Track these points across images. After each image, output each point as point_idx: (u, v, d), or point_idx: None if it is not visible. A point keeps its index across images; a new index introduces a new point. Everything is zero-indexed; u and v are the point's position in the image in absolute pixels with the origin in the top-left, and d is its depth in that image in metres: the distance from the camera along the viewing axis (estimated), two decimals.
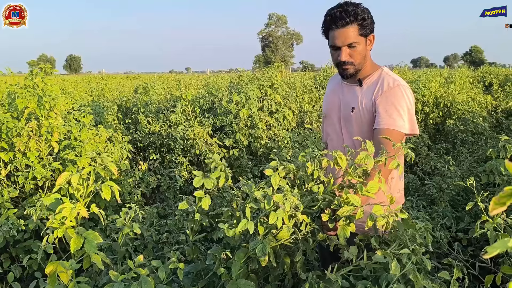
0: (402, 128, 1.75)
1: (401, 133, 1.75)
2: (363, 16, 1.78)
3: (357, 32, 1.79)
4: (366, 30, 1.81)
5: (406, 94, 1.79)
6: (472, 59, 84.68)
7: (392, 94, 1.78)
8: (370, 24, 1.82)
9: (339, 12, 1.77)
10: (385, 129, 1.74)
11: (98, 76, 23.57)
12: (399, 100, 1.76)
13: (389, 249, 1.45)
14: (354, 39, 1.79)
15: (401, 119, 1.75)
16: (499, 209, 0.52)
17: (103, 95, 6.69)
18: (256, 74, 5.95)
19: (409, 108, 1.79)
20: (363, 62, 1.86)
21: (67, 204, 1.41)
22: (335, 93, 2.01)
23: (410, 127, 1.78)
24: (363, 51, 1.84)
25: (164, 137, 4.55)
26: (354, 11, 1.77)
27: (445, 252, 2.63)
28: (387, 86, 1.81)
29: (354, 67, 1.85)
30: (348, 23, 1.77)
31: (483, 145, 5.00)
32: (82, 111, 3.47)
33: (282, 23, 75.28)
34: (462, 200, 3.58)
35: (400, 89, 1.79)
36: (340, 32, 1.78)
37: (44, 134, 3.01)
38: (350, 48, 1.81)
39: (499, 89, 8.84)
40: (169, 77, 15.90)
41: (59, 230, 1.38)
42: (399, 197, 1.91)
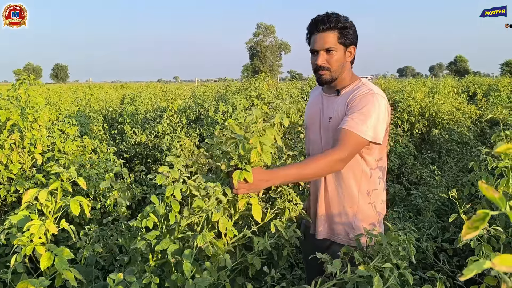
0: (363, 133, 1.72)
1: (360, 138, 1.73)
2: (345, 25, 1.81)
3: (336, 39, 1.81)
4: (346, 39, 1.82)
5: (377, 102, 1.76)
6: (457, 69, 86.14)
7: (362, 100, 1.77)
8: (352, 35, 1.84)
9: (321, 17, 1.82)
10: (346, 130, 1.73)
11: (85, 85, 23.38)
12: (368, 106, 1.75)
13: (372, 262, 1.45)
14: (333, 44, 1.81)
15: (364, 124, 1.73)
16: (472, 233, 0.52)
17: (89, 105, 6.62)
18: (243, 84, 5.96)
19: (378, 116, 1.75)
20: (340, 71, 1.86)
21: (35, 221, 1.38)
22: (316, 104, 2.02)
23: (373, 135, 1.74)
24: (341, 59, 1.84)
25: (150, 148, 4.51)
26: (336, 19, 1.80)
27: (431, 263, 2.64)
28: (360, 93, 1.81)
29: (330, 73, 1.86)
30: (328, 29, 1.80)
31: (468, 154, 5.06)
32: (67, 122, 3.42)
33: (270, 33, 75.81)
34: (447, 210, 3.61)
35: (373, 97, 1.77)
36: (320, 36, 1.82)
37: (27, 146, 2.96)
38: (327, 54, 1.83)
39: (483, 98, 9.00)
40: (156, 86, 15.84)
41: (27, 247, 1.35)
42: (381, 208, 1.91)
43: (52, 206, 1.52)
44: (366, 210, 1.86)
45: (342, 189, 1.87)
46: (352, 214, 1.86)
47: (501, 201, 0.54)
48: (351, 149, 1.73)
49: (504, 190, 1.75)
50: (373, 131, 1.74)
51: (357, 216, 1.86)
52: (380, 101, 1.78)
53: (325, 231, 1.94)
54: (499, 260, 0.49)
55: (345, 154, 1.71)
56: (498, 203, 0.54)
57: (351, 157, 1.76)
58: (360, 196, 1.86)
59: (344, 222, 1.87)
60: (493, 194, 0.54)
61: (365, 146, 1.78)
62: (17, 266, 1.45)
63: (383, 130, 1.79)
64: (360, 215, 1.86)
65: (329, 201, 1.91)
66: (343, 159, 1.71)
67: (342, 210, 1.88)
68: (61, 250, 1.42)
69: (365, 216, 1.86)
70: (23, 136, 2.98)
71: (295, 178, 1.71)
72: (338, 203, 1.89)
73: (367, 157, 1.84)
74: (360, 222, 1.85)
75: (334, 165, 1.72)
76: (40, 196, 1.43)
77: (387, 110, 1.81)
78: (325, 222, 1.94)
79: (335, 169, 1.76)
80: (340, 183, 1.88)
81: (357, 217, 1.86)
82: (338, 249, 1.71)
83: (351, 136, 1.72)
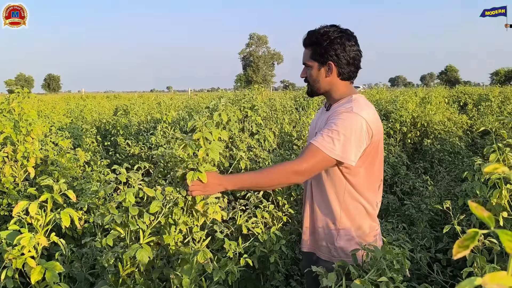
0: (328, 151, 1.66)
1: (324, 155, 1.66)
2: (317, 42, 1.79)
3: (310, 55, 1.84)
4: (319, 56, 1.80)
5: (353, 121, 1.69)
6: (448, 78, 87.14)
7: (338, 117, 1.72)
8: (329, 52, 1.78)
9: (306, 33, 1.86)
10: (311, 144, 1.69)
11: (77, 95, 23.31)
12: (342, 124, 1.68)
13: (367, 276, 1.46)
14: (306, 60, 1.86)
15: (332, 142, 1.66)
16: (462, 252, 0.53)
17: (82, 116, 6.61)
18: (237, 95, 5.99)
19: (350, 135, 1.67)
20: (317, 87, 1.87)
21: (25, 234, 1.38)
22: (316, 118, 2.05)
23: (341, 154, 1.67)
24: (315, 75, 1.84)
25: (144, 159, 4.50)
26: (311, 34, 1.82)
27: (425, 273, 2.65)
28: (340, 109, 1.76)
29: (309, 86, 1.91)
30: (304, 44, 1.86)
31: (460, 164, 5.11)
32: (60, 135, 3.41)
33: (263, 43, 76.32)
34: (440, 220, 3.63)
35: (350, 115, 1.70)
36: (303, 51, 1.88)
37: (20, 160, 2.94)
38: (306, 68, 1.88)
39: (474, 108, 9.10)
40: (150, 96, 15.83)
41: (18, 261, 1.34)
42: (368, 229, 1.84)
43: (42, 219, 1.51)
44: (350, 227, 1.81)
45: (325, 205, 1.85)
46: (334, 232, 1.83)
47: (490, 220, 0.55)
48: (311, 164, 1.67)
49: (497, 201, 1.77)
50: (342, 150, 1.67)
51: (339, 235, 1.82)
52: (356, 120, 1.70)
53: (310, 244, 1.94)
54: (490, 278, 0.50)
55: (303, 168, 1.66)
56: (487, 222, 0.55)
57: (312, 172, 1.71)
58: (343, 215, 1.81)
59: (327, 239, 1.85)
60: (482, 213, 0.55)
61: (332, 164, 1.72)
62: (7, 281, 1.43)
63: (356, 151, 1.70)
64: (342, 234, 1.82)
65: (314, 215, 1.90)
66: (299, 172, 1.67)
67: (325, 226, 1.86)
68: (52, 264, 1.41)
69: (348, 235, 1.81)
70: (16, 149, 2.96)
71: (250, 184, 1.71)
72: (322, 218, 1.87)
73: (349, 177, 1.78)
74: (341, 242, 1.82)
75: (289, 177, 1.69)
76: (30, 209, 1.43)
77: (366, 130, 1.71)
78: (310, 235, 1.94)
79: (291, 181, 1.74)
80: (324, 199, 1.85)
81: (339, 236, 1.82)
82: (323, 264, 1.72)
83: (315, 151, 1.68)
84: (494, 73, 79.42)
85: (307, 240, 1.95)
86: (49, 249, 2.37)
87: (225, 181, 1.67)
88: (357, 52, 1.83)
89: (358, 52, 1.83)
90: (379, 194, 1.89)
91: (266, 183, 1.72)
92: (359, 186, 1.79)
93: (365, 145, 1.72)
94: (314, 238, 1.92)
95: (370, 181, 1.82)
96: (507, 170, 0.57)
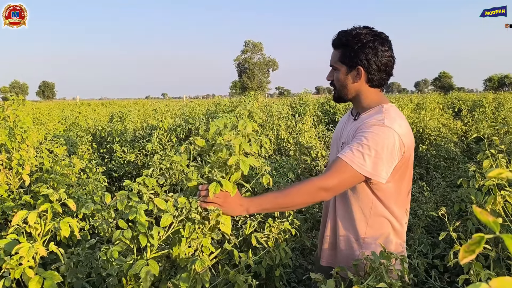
0: (358, 167, 1.56)
1: (354, 171, 1.57)
2: (347, 44, 1.70)
3: (339, 57, 1.73)
4: (348, 59, 1.70)
5: (385, 136, 1.58)
6: (442, 84, 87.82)
7: (370, 129, 1.61)
8: (359, 56, 1.68)
9: (337, 34, 1.76)
10: (340, 159, 1.59)
11: (72, 102, 23.23)
12: (374, 139, 1.57)
13: (366, 282, 1.45)
14: (334, 62, 1.76)
15: (362, 157, 1.57)
16: (469, 257, 0.53)
17: (77, 123, 6.58)
18: (233, 102, 5.99)
19: (381, 151, 1.57)
20: (344, 92, 1.76)
21: (24, 243, 1.36)
22: (340, 126, 1.93)
23: (371, 171, 1.57)
24: (342, 80, 1.74)
25: (140, 166, 4.48)
26: (342, 35, 1.72)
27: (423, 279, 2.64)
28: (371, 121, 1.65)
29: (336, 91, 1.80)
30: (334, 45, 1.76)
31: (455, 170, 5.13)
32: (55, 142, 3.39)
33: (258, 50, 76.67)
34: (437, 226, 3.64)
35: (383, 129, 1.59)
36: (332, 52, 1.79)
37: (15, 167, 2.92)
38: (333, 71, 1.79)
39: (468, 114, 9.16)
40: (145, 103, 15.80)
41: (16, 271, 1.33)
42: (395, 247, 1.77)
43: (41, 228, 1.49)
44: (373, 247, 1.72)
45: (350, 220, 1.76)
46: (356, 248, 1.75)
47: (495, 224, 0.55)
48: (340, 180, 1.58)
49: (492, 207, 1.78)
50: (373, 167, 1.57)
51: (362, 251, 1.72)
52: (389, 135, 1.59)
53: (329, 258, 1.86)
54: (497, 283, 0.49)
55: (331, 184, 1.57)
56: (492, 227, 0.55)
57: (340, 189, 1.63)
58: (368, 231, 1.72)
59: (348, 254, 1.77)
60: (487, 218, 0.55)
61: (361, 180, 1.63)
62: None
63: (388, 167, 1.60)
64: (365, 251, 1.71)
65: (336, 229, 1.80)
66: (327, 189, 1.57)
67: (347, 241, 1.77)
68: (50, 273, 1.39)
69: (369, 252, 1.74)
70: (10, 156, 2.94)
71: (272, 206, 1.62)
72: (345, 233, 1.77)
73: (377, 192, 1.68)
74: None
75: (316, 195, 1.58)
76: (29, 218, 1.41)
77: (399, 146, 1.60)
78: (330, 249, 1.86)
79: (318, 198, 1.62)
80: (349, 214, 1.75)
81: (361, 252, 1.72)
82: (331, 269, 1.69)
83: (344, 167, 1.58)
84: (487, 79, 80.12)
85: (326, 255, 1.87)
86: (44, 257, 2.34)
87: (247, 203, 1.56)
88: (390, 58, 1.72)
89: (391, 58, 1.72)
90: (407, 203, 1.80)
91: (291, 202, 1.60)
92: (387, 201, 1.70)
93: (396, 161, 1.62)
94: (335, 254, 1.84)
95: (399, 196, 1.72)
96: (510, 175, 0.57)
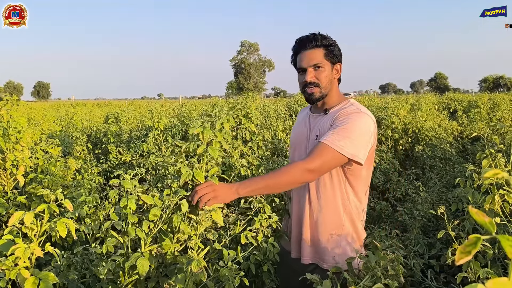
0: (339, 148, 1.68)
1: (336, 153, 1.69)
2: (330, 43, 1.84)
3: (323, 55, 1.83)
4: (333, 56, 1.84)
5: (363, 121, 1.74)
6: (437, 85, 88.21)
7: (347, 116, 1.76)
8: (337, 52, 1.86)
9: (307, 36, 1.86)
10: (322, 143, 1.71)
11: (67, 103, 23.13)
12: (352, 124, 1.72)
13: (362, 282, 1.45)
14: (320, 60, 1.83)
15: (343, 140, 1.69)
16: (465, 258, 0.53)
17: (72, 124, 6.54)
18: (229, 102, 5.98)
19: (361, 135, 1.72)
20: (329, 88, 1.86)
21: (20, 244, 1.35)
22: (303, 124, 2.00)
23: (352, 152, 1.70)
24: (329, 76, 1.85)
25: (135, 167, 4.46)
26: (322, 36, 1.85)
27: (419, 280, 2.65)
28: (347, 111, 1.80)
29: (320, 90, 1.85)
30: (315, 46, 1.83)
31: (451, 170, 5.15)
32: (50, 143, 3.37)
33: (254, 51, 76.63)
34: (433, 226, 3.64)
35: (361, 115, 1.75)
36: (307, 54, 1.84)
37: (9, 168, 2.90)
38: (315, 70, 1.84)
39: (463, 115, 9.19)
40: (141, 103, 15.77)
41: (11, 272, 1.32)
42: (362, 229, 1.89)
43: (37, 229, 1.48)
44: (352, 233, 1.83)
45: (328, 210, 1.83)
46: (338, 238, 1.82)
47: (491, 225, 0.55)
48: (322, 162, 1.68)
49: (490, 207, 1.78)
50: (353, 148, 1.70)
51: (343, 239, 1.82)
52: (366, 121, 1.75)
53: (310, 255, 1.88)
54: (493, 284, 0.49)
55: (314, 165, 1.67)
56: (488, 228, 0.55)
57: (323, 170, 1.73)
58: (346, 218, 1.82)
59: (331, 246, 1.82)
60: (483, 219, 0.55)
61: (342, 162, 1.74)
62: None
63: (365, 150, 1.74)
64: (347, 238, 1.82)
65: (315, 225, 1.86)
66: (311, 170, 1.68)
67: (328, 234, 1.83)
68: (45, 274, 1.38)
69: (351, 239, 1.82)
70: (4, 157, 2.92)
71: (260, 186, 1.68)
72: (324, 226, 1.84)
73: (351, 178, 1.81)
74: (346, 246, 1.82)
75: (301, 176, 1.68)
76: (26, 219, 1.41)
77: (373, 132, 1.77)
78: (310, 246, 1.88)
79: (304, 179, 1.71)
80: (325, 204, 1.83)
81: (343, 241, 1.82)
82: (322, 274, 1.67)
83: (326, 149, 1.69)
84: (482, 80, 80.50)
85: (306, 252, 1.88)
86: (39, 258, 2.33)
87: (236, 185, 1.64)
88: None
89: None
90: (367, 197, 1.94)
91: (278, 183, 1.69)
92: (358, 189, 1.82)
93: (370, 145, 1.76)
94: (316, 248, 1.86)
95: (366, 183, 1.86)
96: (507, 175, 0.57)
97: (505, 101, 10.22)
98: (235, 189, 1.64)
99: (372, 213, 4.03)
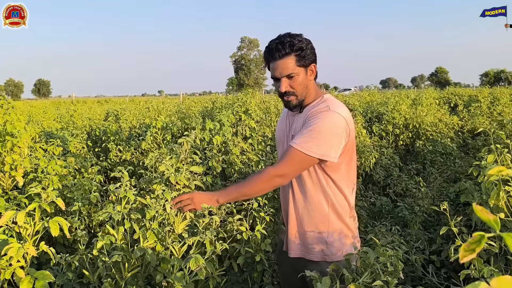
0: (307, 151, 1.70)
1: (306, 156, 1.71)
2: (300, 47, 1.76)
3: (295, 63, 1.77)
4: (305, 60, 1.79)
5: (331, 119, 1.73)
6: (438, 80, 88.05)
7: (316, 116, 1.75)
8: (310, 54, 1.80)
9: (275, 44, 1.78)
10: (291, 147, 1.74)
11: (68, 100, 23.08)
12: (320, 123, 1.72)
13: (361, 279, 1.44)
14: (292, 70, 1.78)
15: (311, 141, 1.70)
16: (469, 256, 0.52)
17: (72, 121, 6.52)
18: (229, 99, 5.97)
19: (329, 133, 1.72)
20: (306, 92, 1.83)
21: (13, 244, 1.35)
22: (284, 122, 2.01)
23: (321, 152, 1.71)
24: (304, 81, 1.81)
25: (135, 165, 4.45)
26: (290, 43, 1.75)
27: (420, 275, 2.64)
28: (317, 109, 1.78)
29: (296, 98, 1.83)
30: (285, 55, 1.76)
31: (452, 165, 5.13)
32: (51, 143, 3.37)
33: (254, 46, 76.49)
34: (433, 221, 3.63)
35: (329, 114, 1.74)
36: (278, 64, 1.78)
37: (7, 170, 2.89)
38: (289, 79, 1.80)
39: (464, 109, 9.16)
40: (141, 100, 15.74)
41: (6, 271, 1.31)
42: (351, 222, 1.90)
43: (31, 228, 1.48)
44: (338, 225, 1.84)
45: (311, 206, 1.84)
46: (325, 230, 1.83)
47: (495, 223, 0.54)
48: (292, 166, 1.74)
49: (495, 203, 1.76)
50: (322, 148, 1.70)
51: (330, 232, 1.83)
52: (334, 118, 1.74)
53: (298, 249, 1.90)
54: (497, 282, 0.48)
55: (284, 170, 1.75)
56: (492, 226, 0.54)
57: (294, 173, 1.79)
58: (332, 213, 1.83)
59: (318, 239, 1.85)
60: (488, 217, 0.54)
61: (314, 163, 1.76)
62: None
63: (337, 148, 1.74)
64: (333, 230, 1.83)
65: (300, 219, 1.88)
66: (281, 175, 1.75)
67: (314, 227, 1.85)
68: (41, 273, 1.38)
69: (337, 231, 1.84)
70: (3, 160, 2.90)
71: (238, 194, 1.83)
72: (309, 220, 1.85)
73: (330, 173, 1.80)
74: (333, 237, 1.83)
75: (272, 181, 1.77)
76: (18, 218, 1.41)
77: (344, 128, 1.75)
78: (297, 240, 1.90)
79: (275, 184, 1.81)
80: (309, 200, 1.85)
81: (330, 233, 1.83)
82: (314, 267, 1.70)
83: (294, 153, 1.72)
84: (483, 74, 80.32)
85: (294, 246, 1.91)
86: (40, 257, 2.32)
87: (217, 195, 1.81)
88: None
89: None
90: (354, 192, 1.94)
91: (252, 190, 1.81)
92: (342, 184, 1.83)
93: (344, 141, 1.76)
94: (303, 242, 1.89)
95: (349, 179, 1.86)
96: (511, 173, 0.56)
97: (505, 95, 10.19)
98: (216, 198, 1.81)
99: (372, 209, 4.02)
